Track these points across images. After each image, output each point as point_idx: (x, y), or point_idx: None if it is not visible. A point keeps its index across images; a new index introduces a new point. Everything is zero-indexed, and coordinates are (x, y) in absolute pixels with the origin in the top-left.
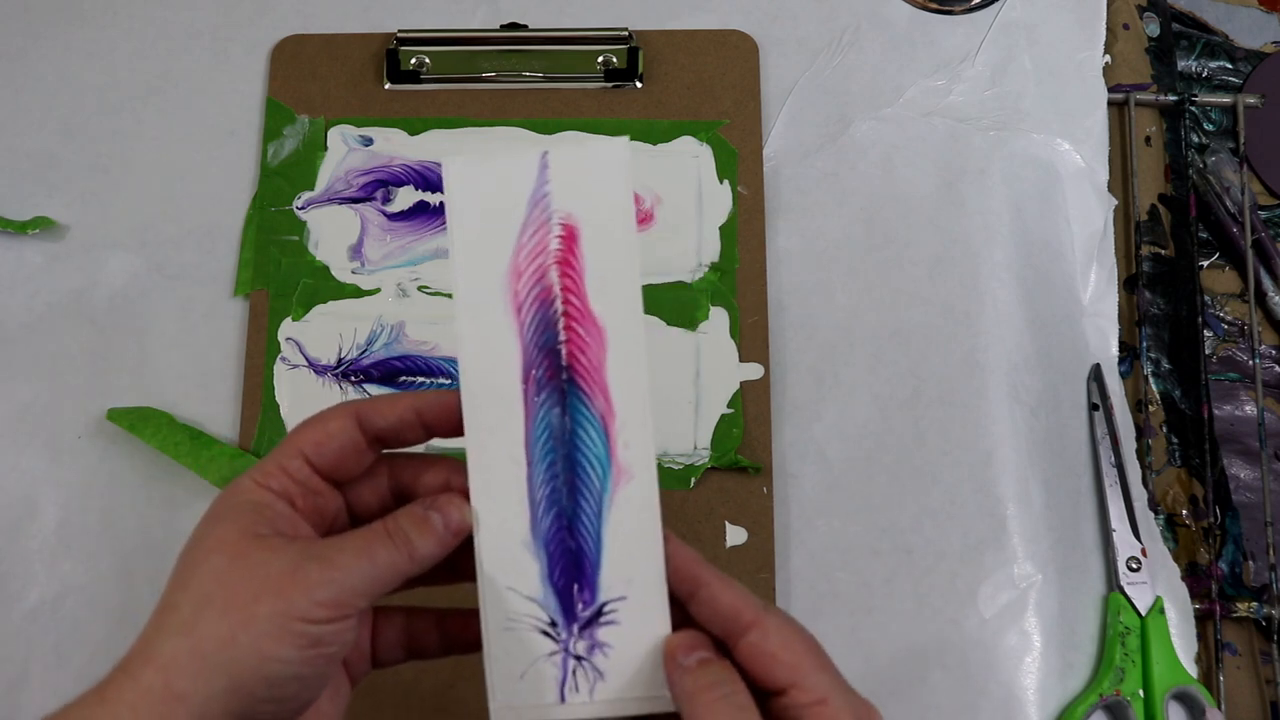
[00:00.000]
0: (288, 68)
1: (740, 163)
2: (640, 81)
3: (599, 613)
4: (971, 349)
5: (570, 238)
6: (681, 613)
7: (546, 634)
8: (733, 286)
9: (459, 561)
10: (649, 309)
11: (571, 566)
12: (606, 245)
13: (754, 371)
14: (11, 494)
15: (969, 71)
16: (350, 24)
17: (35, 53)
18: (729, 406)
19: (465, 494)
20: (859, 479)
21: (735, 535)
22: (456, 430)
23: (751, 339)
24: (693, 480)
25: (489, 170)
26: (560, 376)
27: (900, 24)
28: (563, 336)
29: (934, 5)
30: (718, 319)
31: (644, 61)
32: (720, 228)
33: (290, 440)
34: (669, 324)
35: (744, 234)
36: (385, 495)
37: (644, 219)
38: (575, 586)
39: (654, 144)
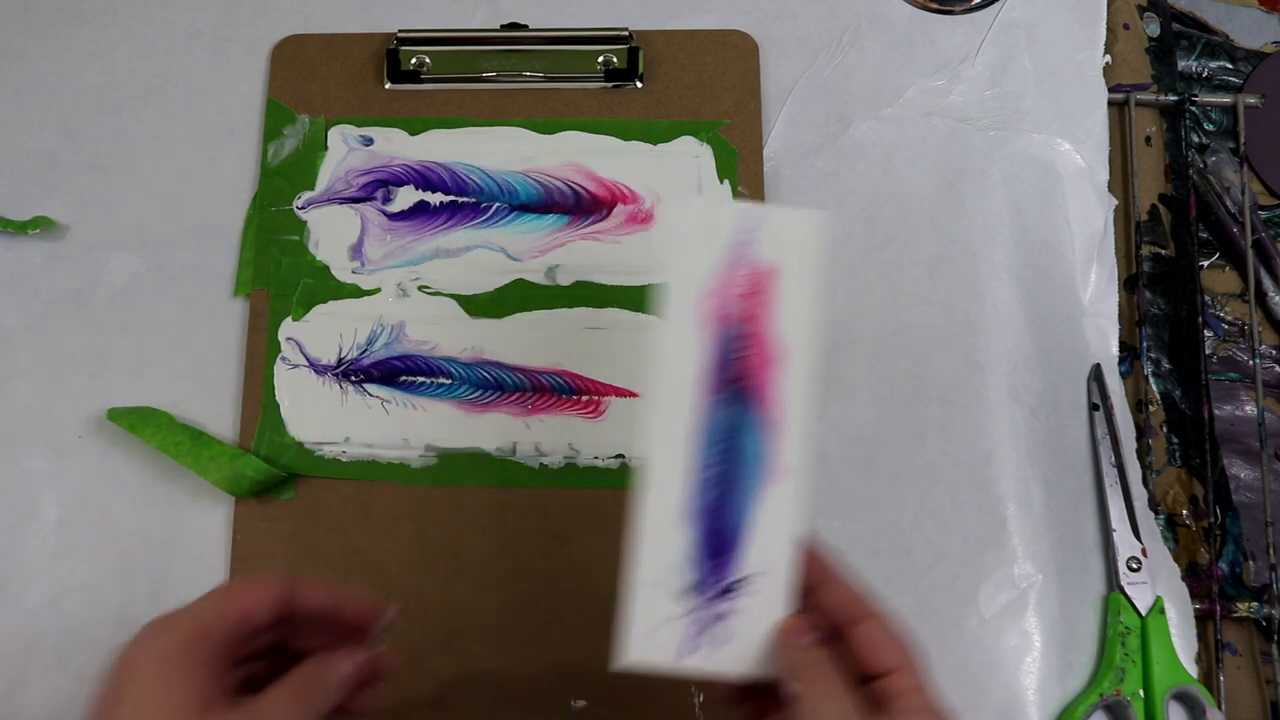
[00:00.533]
0: (288, 68)
1: (740, 163)
2: (640, 81)
3: (732, 585)
4: (971, 349)
5: (764, 276)
6: (801, 600)
7: (684, 596)
8: None
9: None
10: (648, 308)
11: (718, 543)
12: (792, 287)
13: None
14: (11, 494)
15: (969, 71)
16: (350, 24)
17: (35, 53)
18: None
19: (355, 654)
20: (859, 479)
21: None
22: (361, 634)
23: None
24: None
25: (710, 212)
26: (737, 384)
27: (900, 24)
28: (744, 353)
29: (934, 5)
30: None
31: (644, 61)
32: None
33: (224, 594)
34: None
35: None
36: (278, 643)
37: (644, 218)
38: (717, 560)
39: (654, 144)
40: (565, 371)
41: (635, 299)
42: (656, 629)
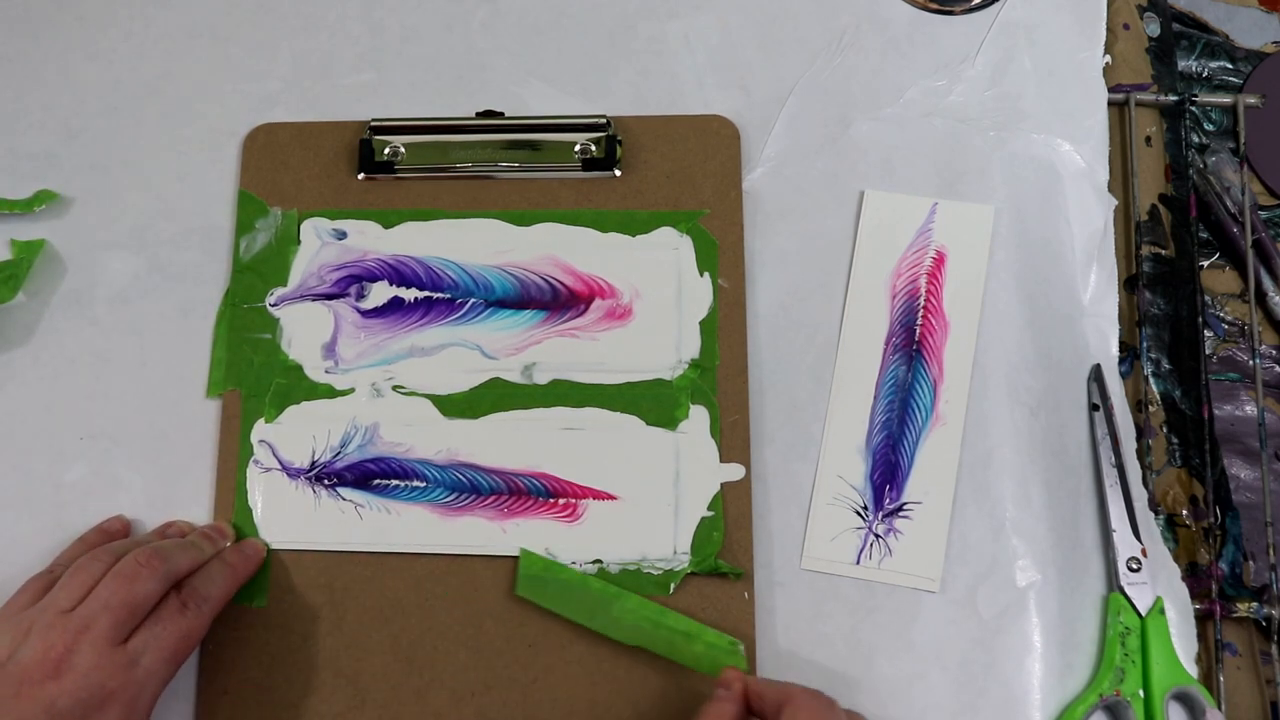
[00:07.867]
0: (259, 158)
1: (721, 254)
2: (619, 170)
3: (899, 508)
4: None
5: (940, 260)
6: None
7: (858, 513)
8: (713, 384)
9: None
10: (626, 408)
11: (888, 472)
12: (963, 270)
13: (735, 472)
14: (12, 494)
15: (969, 71)
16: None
17: (35, 53)
18: (709, 509)
19: None
20: None
21: None
22: None
23: (732, 438)
24: (672, 586)
25: (896, 204)
26: (911, 346)
27: (900, 24)
28: (919, 321)
29: (934, 5)
30: (698, 418)
31: (622, 149)
32: (700, 323)
33: None
34: (648, 424)
35: (724, 329)
36: None
37: (622, 314)
38: (887, 486)
39: (633, 235)
40: (542, 474)
41: (613, 398)
42: (835, 537)
